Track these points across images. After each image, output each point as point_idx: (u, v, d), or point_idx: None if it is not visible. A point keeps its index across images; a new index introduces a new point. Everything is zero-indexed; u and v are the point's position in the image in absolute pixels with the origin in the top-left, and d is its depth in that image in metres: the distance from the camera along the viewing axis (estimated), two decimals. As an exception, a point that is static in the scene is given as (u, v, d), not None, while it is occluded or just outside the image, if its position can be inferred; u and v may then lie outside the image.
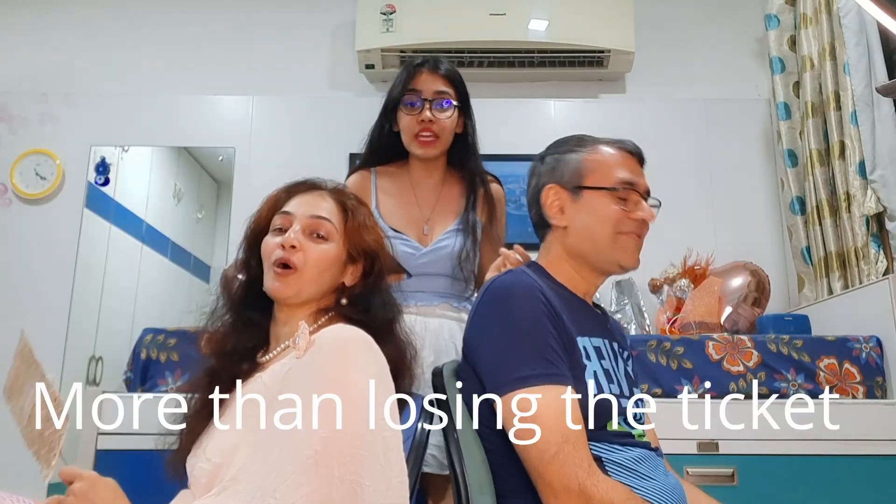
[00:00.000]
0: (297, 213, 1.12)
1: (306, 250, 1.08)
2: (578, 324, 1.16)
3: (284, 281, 1.07)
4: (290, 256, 1.07)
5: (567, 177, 1.24)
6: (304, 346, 0.98)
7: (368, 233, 1.15)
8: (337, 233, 1.12)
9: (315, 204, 1.13)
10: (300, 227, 1.10)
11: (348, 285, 1.14)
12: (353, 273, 1.14)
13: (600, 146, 1.26)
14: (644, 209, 1.21)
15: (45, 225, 2.78)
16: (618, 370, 1.18)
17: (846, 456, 1.85)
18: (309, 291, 1.09)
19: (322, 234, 1.10)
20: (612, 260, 1.21)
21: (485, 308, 1.16)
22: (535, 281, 1.16)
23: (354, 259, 1.14)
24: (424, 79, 1.63)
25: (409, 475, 1.01)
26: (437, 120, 1.61)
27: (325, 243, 1.10)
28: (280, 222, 1.12)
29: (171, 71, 2.96)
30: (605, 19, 2.72)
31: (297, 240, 1.08)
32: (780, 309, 2.60)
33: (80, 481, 0.92)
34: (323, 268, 1.09)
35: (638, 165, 1.27)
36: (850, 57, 2.36)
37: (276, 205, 1.16)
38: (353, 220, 1.14)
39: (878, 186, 2.25)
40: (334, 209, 1.13)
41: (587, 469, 0.99)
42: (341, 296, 1.13)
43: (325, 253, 1.10)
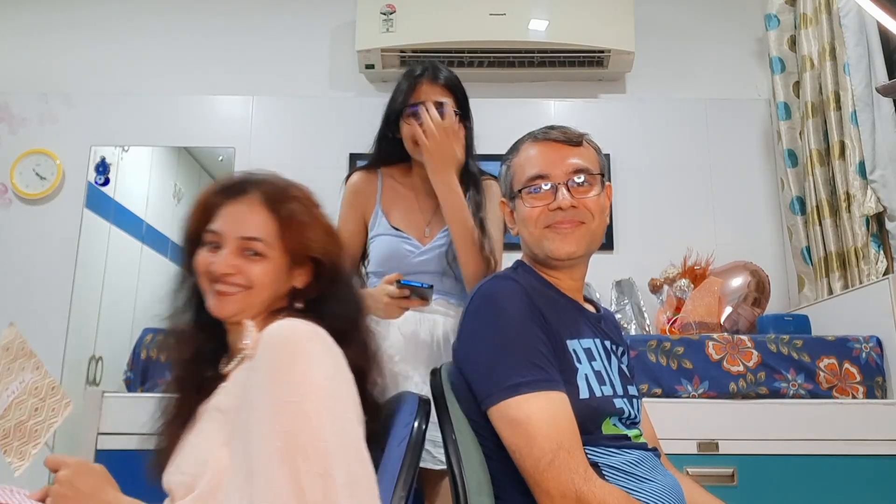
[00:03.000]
0: (226, 232, 1.05)
1: (242, 271, 1.03)
2: (568, 326, 1.15)
3: (224, 301, 1.03)
4: (226, 282, 1.03)
5: (505, 188, 1.29)
6: (252, 344, 0.96)
7: (309, 235, 1.07)
8: (272, 247, 1.04)
9: (244, 220, 1.05)
10: (230, 249, 1.04)
11: (300, 288, 1.09)
12: (301, 275, 1.09)
13: (522, 147, 1.26)
14: (557, 197, 1.18)
15: (45, 225, 2.78)
16: (610, 370, 1.17)
17: (846, 456, 1.85)
18: (254, 307, 1.05)
19: (256, 251, 1.04)
20: (545, 254, 1.20)
21: (472, 316, 1.16)
22: (522, 285, 1.16)
23: (300, 263, 1.08)
24: (425, 89, 1.67)
25: (407, 473, 1.01)
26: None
27: (260, 261, 1.04)
28: (210, 239, 1.06)
29: (171, 71, 2.96)
30: (605, 19, 2.72)
31: (228, 265, 1.03)
32: (780, 309, 2.60)
33: (65, 468, 0.91)
34: (263, 284, 1.04)
35: (560, 149, 1.22)
36: (850, 57, 2.36)
37: (206, 212, 1.08)
38: (289, 228, 1.05)
39: (878, 186, 2.25)
40: (266, 221, 1.05)
41: (583, 475, 0.99)
42: (294, 300, 1.09)
43: (263, 270, 1.04)
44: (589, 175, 1.20)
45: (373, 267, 1.72)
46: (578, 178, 1.19)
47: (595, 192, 1.20)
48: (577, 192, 1.19)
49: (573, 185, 1.19)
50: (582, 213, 1.18)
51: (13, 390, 1.02)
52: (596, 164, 1.24)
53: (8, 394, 1.02)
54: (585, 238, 1.20)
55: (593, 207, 1.19)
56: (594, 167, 1.22)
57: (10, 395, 1.02)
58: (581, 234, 1.19)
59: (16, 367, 1.04)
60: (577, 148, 1.23)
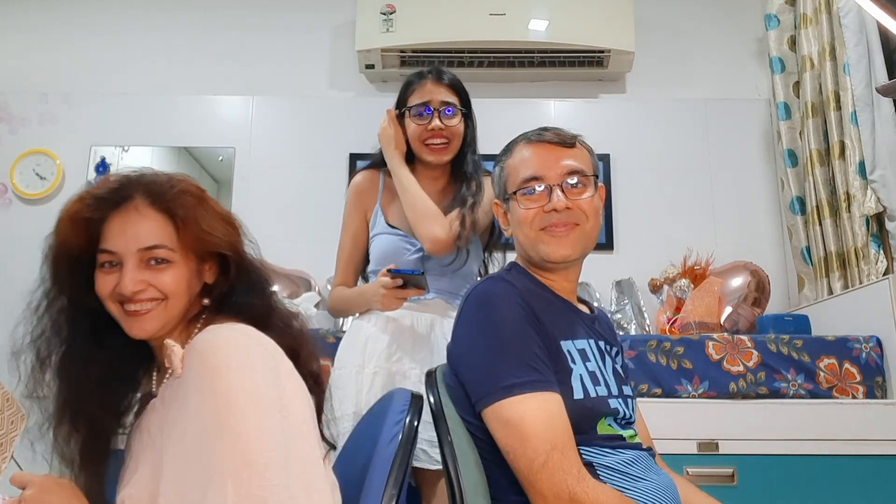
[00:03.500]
0: (123, 249, 0.96)
1: (153, 283, 0.96)
2: (562, 327, 1.15)
3: (142, 320, 0.96)
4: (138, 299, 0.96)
5: (499, 190, 1.29)
6: (178, 364, 0.91)
7: (207, 230, 1.00)
8: (174, 250, 0.97)
9: (137, 230, 0.96)
10: (132, 264, 0.96)
11: (210, 283, 1.03)
12: (210, 270, 1.03)
13: (516, 148, 1.26)
14: (552, 199, 1.18)
15: (45, 225, 2.74)
16: (605, 370, 1.17)
17: (846, 456, 1.85)
18: (175, 318, 0.99)
19: (160, 259, 0.97)
20: (540, 257, 1.20)
21: (466, 318, 1.16)
22: (516, 287, 1.16)
23: (206, 258, 1.02)
24: (430, 89, 1.70)
25: (398, 470, 1.00)
26: (446, 126, 1.69)
27: (167, 267, 0.97)
28: (106, 258, 0.97)
29: (171, 71, 2.96)
30: (605, 19, 2.72)
31: (136, 282, 0.95)
32: (780, 309, 2.60)
33: (31, 487, 0.88)
34: (178, 291, 0.98)
35: (553, 151, 1.22)
36: (850, 57, 2.36)
37: (88, 229, 0.99)
38: (186, 227, 0.98)
39: (878, 186, 2.25)
40: (160, 224, 0.97)
41: (576, 475, 0.99)
42: (206, 296, 1.03)
43: (174, 276, 0.97)
44: (583, 176, 1.21)
45: (372, 266, 1.72)
46: (572, 179, 1.20)
47: (589, 193, 1.21)
48: (572, 194, 1.19)
49: (567, 187, 1.19)
50: (576, 215, 1.19)
51: None
52: (589, 165, 1.24)
53: None
54: (581, 241, 1.20)
55: (587, 209, 1.20)
56: (588, 168, 1.23)
57: None
58: (576, 238, 1.19)
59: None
60: (571, 149, 1.23)
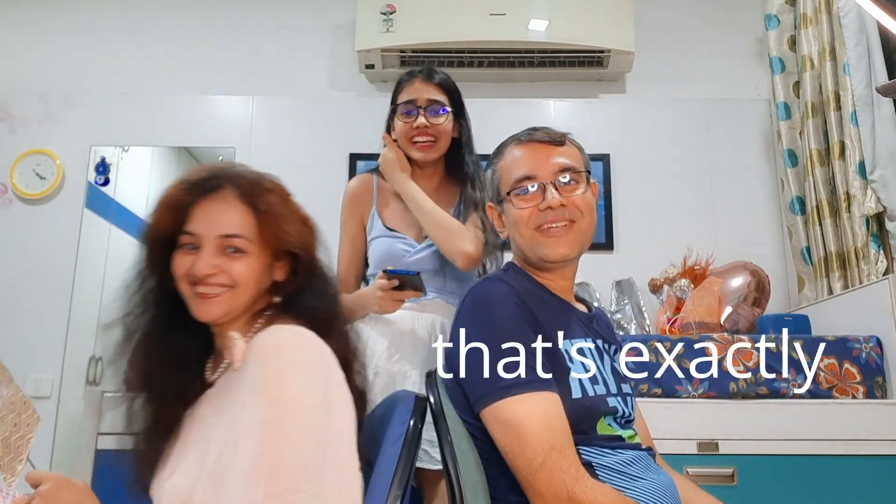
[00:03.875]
0: (204, 233, 1.02)
1: (225, 270, 1.01)
2: (559, 326, 1.15)
3: (209, 304, 1.01)
4: (209, 283, 1.00)
5: (492, 192, 1.29)
6: (239, 357, 0.94)
7: (286, 228, 1.05)
8: (252, 242, 1.03)
9: (220, 218, 1.02)
10: (210, 248, 1.01)
11: (280, 281, 1.07)
12: (281, 268, 1.07)
13: (507, 150, 1.27)
14: (546, 197, 1.18)
15: (45, 225, 2.78)
16: (603, 369, 1.17)
17: (846, 456, 1.85)
18: (240, 307, 1.03)
19: (237, 248, 1.02)
20: (537, 257, 1.20)
21: (464, 318, 1.16)
22: (514, 287, 1.16)
23: (279, 256, 1.06)
24: (418, 87, 1.71)
25: (402, 472, 1.01)
26: (432, 125, 1.69)
27: (242, 257, 1.02)
28: (187, 241, 1.03)
29: (171, 71, 2.96)
30: (605, 19, 2.72)
31: (210, 266, 1.00)
32: (780, 309, 2.60)
33: (46, 482, 0.91)
34: (248, 282, 1.02)
35: (544, 149, 1.23)
36: (850, 57, 2.36)
37: (177, 212, 1.04)
38: (267, 222, 1.04)
39: (878, 186, 2.25)
40: (244, 215, 1.03)
41: (575, 475, 0.99)
42: (275, 294, 1.07)
43: (246, 266, 1.02)
44: (575, 173, 1.21)
45: (371, 269, 1.72)
46: (564, 177, 1.20)
47: (582, 189, 1.21)
48: (565, 191, 1.20)
49: (560, 184, 1.20)
50: (572, 212, 1.19)
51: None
52: (580, 161, 1.25)
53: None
54: (578, 239, 1.21)
55: (582, 205, 1.20)
56: (579, 165, 1.23)
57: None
58: (574, 236, 1.20)
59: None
60: (561, 147, 1.24)
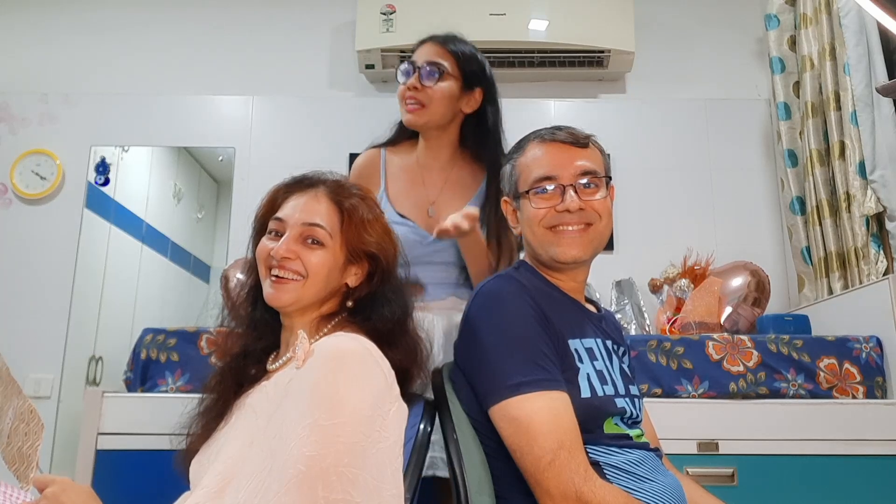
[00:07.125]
0: (290, 219, 1.08)
1: (301, 258, 1.05)
2: (569, 326, 1.15)
3: (281, 289, 1.05)
4: (284, 266, 1.05)
5: (509, 187, 1.28)
6: (303, 357, 0.96)
7: (369, 231, 1.10)
8: (332, 237, 1.07)
9: (309, 208, 1.08)
10: (293, 234, 1.06)
11: (352, 286, 1.10)
12: (356, 273, 1.11)
13: (528, 146, 1.25)
14: (565, 199, 1.18)
15: (45, 225, 2.78)
16: (612, 369, 1.17)
17: (846, 456, 1.85)
18: (308, 298, 1.06)
19: (316, 240, 1.07)
20: (549, 256, 1.20)
21: (474, 315, 1.16)
22: (525, 285, 1.16)
23: (356, 260, 1.10)
24: (425, 48, 1.62)
25: (411, 476, 1.01)
26: (422, 88, 1.57)
27: (319, 249, 1.06)
28: (274, 227, 1.09)
29: (171, 71, 2.96)
30: (605, 19, 2.72)
31: (288, 250, 1.05)
32: (780, 309, 2.60)
33: (52, 485, 0.92)
34: (319, 274, 1.06)
35: (567, 150, 1.22)
36: (850, 57, 2.36)
37: (274, 204, 1.13)
38: (351, 221, 1.09)
39: (878, 186, 2.25)
40: (330, 211, 1.08)
41: (583, 475, 0.99)
42: (346, 299, 1.10)
43: (321, 259, 1.06)
44: (595, 177, 1.20)
45: None
46: (585, 180, 1.19)
47: (601, 193, 1.21)
48: (584, 194, 1.19)
49: (580, 187, 1.19)
50: (589, 215, 1.19)
51: (10, 417, 1.02)
52: (601, 165, 1.24)
53: (7, 421, 1.02)
54: (593, 242, 1.20)
55: (600, 209, 1.20)
56: (600, 169, 1.23)
57: (8, 423, 1.02)
58: (589, 239, 1.19)
59: (7, 394, 1.04)
60: (584, 150, 1.23)
